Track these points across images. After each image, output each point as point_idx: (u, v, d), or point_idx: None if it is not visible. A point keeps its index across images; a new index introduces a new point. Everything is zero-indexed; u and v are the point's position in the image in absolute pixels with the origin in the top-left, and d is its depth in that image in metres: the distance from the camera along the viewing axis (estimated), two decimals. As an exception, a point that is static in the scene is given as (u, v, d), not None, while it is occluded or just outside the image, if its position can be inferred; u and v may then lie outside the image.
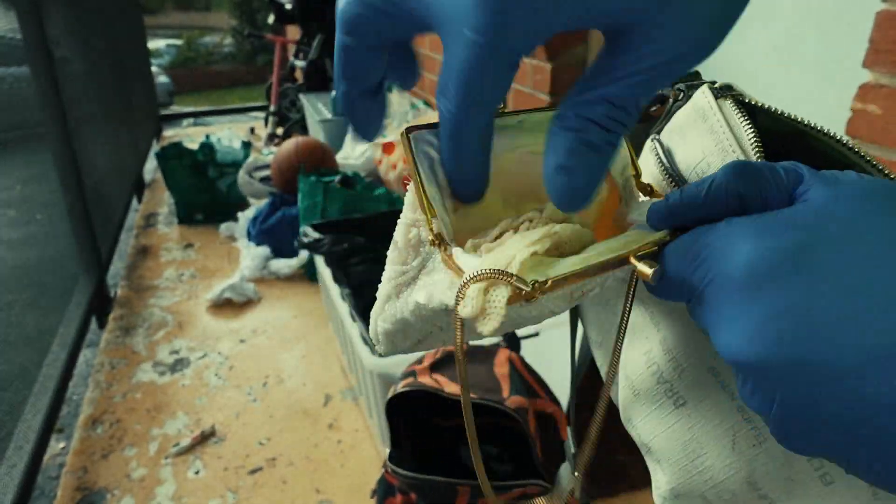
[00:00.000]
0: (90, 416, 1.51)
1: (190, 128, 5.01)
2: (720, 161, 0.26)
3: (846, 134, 0.80)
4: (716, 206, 0.22)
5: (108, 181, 2.40)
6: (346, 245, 1.51)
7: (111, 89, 2.84)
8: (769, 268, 0.19)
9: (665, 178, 0.29)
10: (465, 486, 0.85)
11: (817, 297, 0.18)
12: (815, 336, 0.18)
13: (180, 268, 2.31)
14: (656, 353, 0.28)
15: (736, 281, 0.19)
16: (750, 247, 0.19)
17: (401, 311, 0.26)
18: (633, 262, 0.22)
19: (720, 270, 0.20)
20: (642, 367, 0.29)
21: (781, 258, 0.19)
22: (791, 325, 0.18)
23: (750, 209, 0.21)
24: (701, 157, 0.27)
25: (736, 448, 0.26)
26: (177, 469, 1.33)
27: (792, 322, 0.18)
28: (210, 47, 11.96)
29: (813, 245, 0.19)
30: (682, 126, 0.29)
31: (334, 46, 0.24)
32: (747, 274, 0.19)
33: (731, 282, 0.20)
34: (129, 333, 1.87)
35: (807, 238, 0.19)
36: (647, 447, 0.30)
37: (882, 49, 0.74)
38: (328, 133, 2.74)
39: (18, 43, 1.59)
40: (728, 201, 0.21)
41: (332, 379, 1.62)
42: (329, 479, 1.29)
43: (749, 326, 0.19)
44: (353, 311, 1.29)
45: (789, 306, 0.18)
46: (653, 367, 0.29)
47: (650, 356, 0.29)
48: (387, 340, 0.28)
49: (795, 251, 0.19)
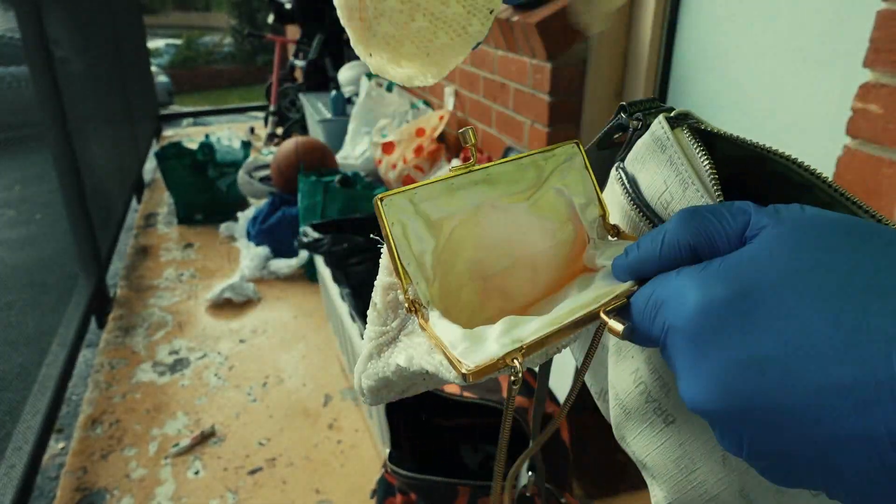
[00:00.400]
0: (90, 416, 1.51)
1: (190, 127, 5.00)
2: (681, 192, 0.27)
3: (847, 133, 0.80)
4: (670, 258, 0.23)
5: (107, 181, 2.40)
6: (345, 245, 1.51)
7: (111, 89, 2.84)
8: (715, 317, 0.20)
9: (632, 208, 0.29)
10: (465, 486, 0.85)
11: (760, 344, 0.19)
12: (764, 382, 0.18)
13: (180, 268, 2.31)
14: (643, 373, 0.29)
15: (686, 333, 0.21)
16: (695, 299, 0.20)
17: (382, 371, 0.27)
18: (603, 318, 0.23)
19: (673, 323, 0.21)
20: (631, 386, 0.30)
21: (724, 309, 0.20)
22: (741, 373, 0.19)
23: (701, 257, 0.22)
24: (664, 189, 0.28)
25: (727, 463, 0.26)
26: (176, 469, 1.33)
27: (741, 369, 0.19)
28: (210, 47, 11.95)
29: (753, 292, 0.19)
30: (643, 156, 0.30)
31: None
32: (694, 326, 0.20)
33: (682, 334, 0.21)
34: (129, 333, 1.87)
35: (747, 286, 0.20)
36: (643, 464, 0.30)
37: (882, 48, 0.74)
38: (328, 133, 2.74)
39: (18, 42, 1.59)
40: (680, 253, 0.23)
41: (332, 379, 1.61)
42: (329, 480, 1.29)
43: (703, 376, 0.20)
44: (353, 311, 1.29)
45: (737, 355, 0.19)
46: (640, 385, 0.29)
47: (637, 375, 0.29)
48: (371, 395, 0.29)
49: (736, 300, 0.20)
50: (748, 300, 0.19)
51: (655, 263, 0.23)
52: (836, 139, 0.83)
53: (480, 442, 1.08)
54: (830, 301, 0.18)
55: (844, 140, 0.81)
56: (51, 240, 1.84)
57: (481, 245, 0.28)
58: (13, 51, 1.60)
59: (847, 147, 0.80)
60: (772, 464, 0.19)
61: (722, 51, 1.19)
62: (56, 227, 1.80)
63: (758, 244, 0.21)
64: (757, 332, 0.19)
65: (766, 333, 0.19)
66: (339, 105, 2.84)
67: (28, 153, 1.82)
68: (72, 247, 1.83)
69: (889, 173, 0.75)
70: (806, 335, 0.18)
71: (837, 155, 0.81)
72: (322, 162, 2.23)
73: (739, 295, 0.20)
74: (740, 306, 0.19)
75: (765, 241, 0.21)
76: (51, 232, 1.84)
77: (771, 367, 0.18)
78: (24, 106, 1.72)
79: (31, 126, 1.74)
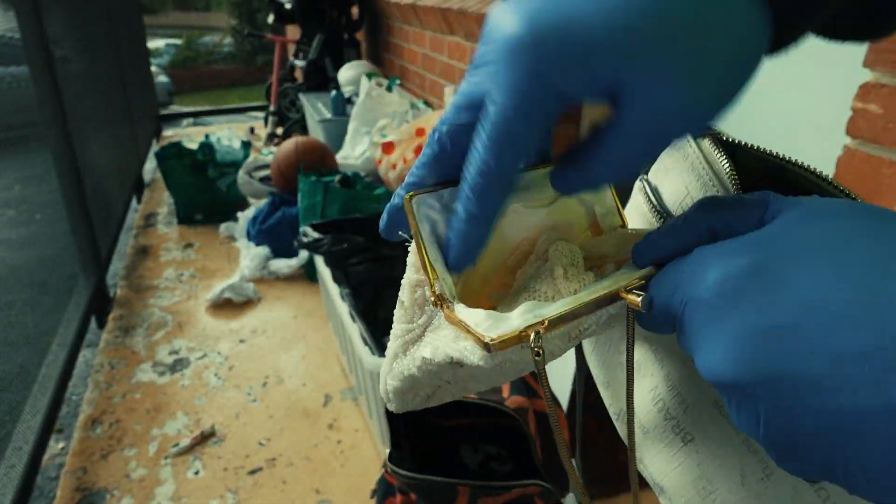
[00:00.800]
0: (90, 416, 1.51)
1: (190, 127, 5.01)
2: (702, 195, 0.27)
3: (847, 133, 0.80)
4: (689, 238, 0.23)
5: (107, 181, 2.40)
6: (345, 245, 1.51)
7: (111, 89, 2.84)
8: (733, 287, 0.20)
9: (654, 216, 0.30)
10: (465, 486, 0.85)
11: (779, 312, 0.19)
12: (783, 349, 0.18)
13: (180, 268, 2.31)
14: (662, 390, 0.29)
15: (705, 302, 0.20)
16: (715, 269, 0.21)
17: (408, 368, 0.27)
18: (623, 296, 0.24)
19: (692, 294, 0.21)
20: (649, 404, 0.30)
21: (744, 276, 0.20)
22: (760, 341, 0.19)
23: (719, 238, 0.22)
24: (685, 194, 0.28)
25: (745, 483, 0.26)
26: (176, 469, 1.33)
27: (760, 337, 0.19)
28: (210, 47, 11.95)
29: (773, 262, 0.19)
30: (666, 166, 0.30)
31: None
32: (714, 294, 0.20)
33: (702, 303, 0.21)
34: (129, 333, 1.87)
35: (767, 256, 0.20)
36: (660, 487, 0.30)
37: (882, 48, 0.74)
38: (328, 133, 2.74)
39: (18, 42, 1.59)
40: (699, 235, 0.23)
41: (332, 379, 1.61)
42: (329, 480, 1.29)
43: (721, 345, 0.20)
44: (353, 311, 1.29)
45: (756, 322, 0.19)
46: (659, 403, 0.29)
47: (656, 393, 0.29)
48: (397, 398, 0.29)
49: (757, 269, 0.20)
50: (767, 270, 0.19)
51: (675, 246, 0.24)
52: (835, 139, 0.83)
53: (480, 442, 1.08)
54: (851, 269, 0.18)
55: (844, 140, 0.81)
56: (51, 240, 1.84)
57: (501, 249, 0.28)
58: (13, 51, 1.60)
59: (847, 147, 0.81)
60: (788, 443, 0.19)
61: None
62: (56, 227, 1.80)
63: (777, 224, 0.21)
64: (776, 300, 0.19)
65: (786, 301, 0.19)
66: (339, 105, 2.84)
67: (28, 153, 1.82)
68: (72, 247, 1.83)
69: (889, 173, 0.75)
70: (825, 302, 0.18)
71: (837, 155, 0.81)
72: (322, 162, 2.23)
73: (758, 265, 0.20)
74: (759, 275, 0.19)
75: (784, 220, 0.21)
76: (51, 232, 1.84)
77: (789, 335, 0.18)
78: (24, 106, 1.72)
79: (32, 126, 1.74)
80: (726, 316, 0.20)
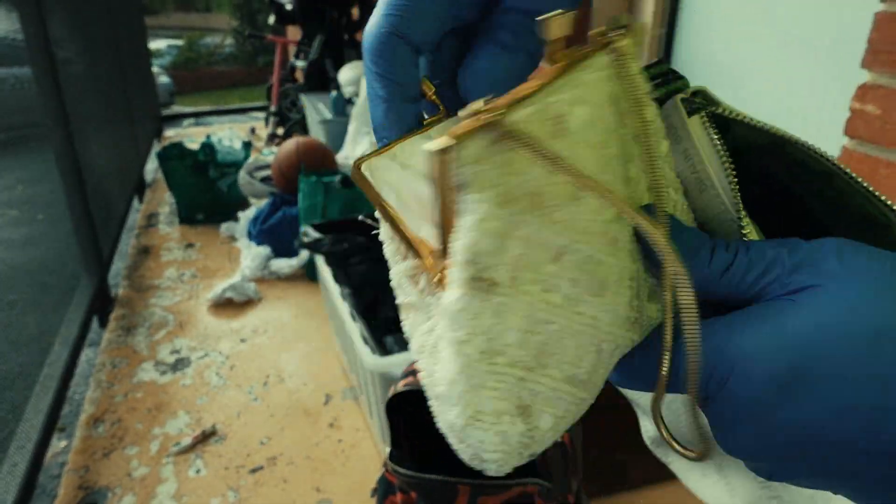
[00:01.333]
0: (91, 415, 1.51)
1: (191, 128, 5.01)
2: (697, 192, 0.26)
3: (845, 134, 0.80)
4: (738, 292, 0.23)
5: (109, 181, 2.41)
6: (346, 245, 1.51)
7: (113, 90, 2.85)
8: (774, 389, 0.20)
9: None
10: (465, 484, 0.86)
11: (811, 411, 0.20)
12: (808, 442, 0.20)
13: (181, 268, 2.31)
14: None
15: (742, 400, 0.21)
16: (755, 369, 0.21)
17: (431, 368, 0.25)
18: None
19: (730, 389, 0.21)
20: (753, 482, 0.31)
21: (779, 383, 0.20)
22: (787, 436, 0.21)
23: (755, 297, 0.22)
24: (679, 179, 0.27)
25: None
26: (178, 468, 1.33)
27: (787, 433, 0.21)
28: (211, 48, 11.96)
29: (810, 367, 0.20)
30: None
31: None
32: (752, 400, 0.21)
33: (738, 400, 0.21)
34: (131, 333, 1.87)
35: (805, 360, 0.20)
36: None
37: (880, 49, 0.75)
38: (329, 133, 2.74)
39: (21, 44, 1.60)
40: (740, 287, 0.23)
41: (333, 378, 1.62)
42: (329, 478, 1.29)
43: (751, 437, 0.21)
44: (354, 311, 1.30)
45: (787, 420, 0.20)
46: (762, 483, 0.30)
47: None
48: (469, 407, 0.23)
49: (793, 375, 0.20)
50: (804, 375, 0.20)
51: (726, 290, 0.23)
52: (833, 140, 0.83)
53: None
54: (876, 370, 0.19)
55: (842, 140, 0.81)
56: (53, 240, 1.85)
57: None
58: (16, 52, 1.61)
59: (845, 147, 0.81)
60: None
61: (721, 51, 1.19)
62: (58, 227, 1.81)
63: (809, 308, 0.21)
64: (809, 400, 0.20)
65: (817, 402, 0.20)
66: (340, 105, 2.84)
67: (30, 154, 1.83)
68: (74, 247, 1.84)
69: (886, 173, 0.75)
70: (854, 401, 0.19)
71: (835, 155, 0.81)
72: (323, 162, 2.24)
73: (797, 371, 0.20)
74: (797, 382, 0.20)
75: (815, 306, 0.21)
76: (53, 232, 1.85)
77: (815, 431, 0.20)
78: (26, 107, 1.72)
79: (34, 127, 1.74)
80: (759, 418, 0.21)
